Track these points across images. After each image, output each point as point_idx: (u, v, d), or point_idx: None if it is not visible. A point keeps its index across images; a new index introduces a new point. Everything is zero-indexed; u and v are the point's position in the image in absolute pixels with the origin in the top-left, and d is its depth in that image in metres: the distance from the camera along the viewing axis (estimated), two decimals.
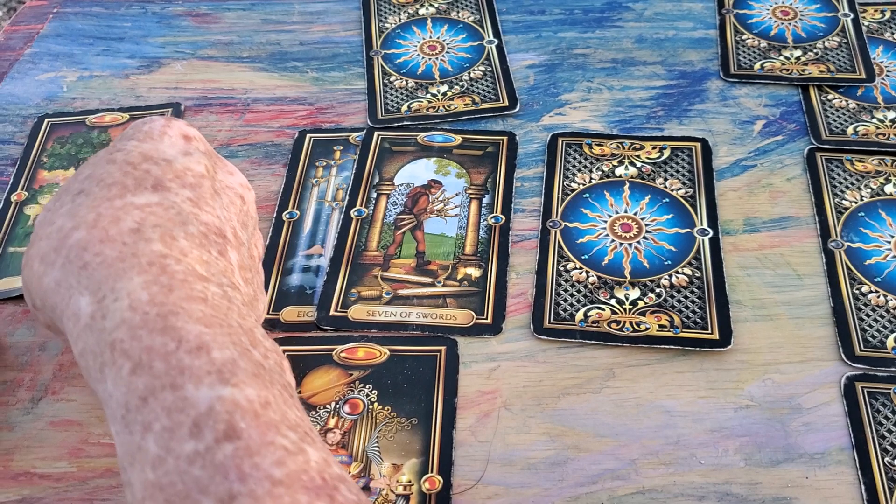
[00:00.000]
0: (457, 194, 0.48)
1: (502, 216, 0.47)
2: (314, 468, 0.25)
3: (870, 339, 0.40)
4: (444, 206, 0.48)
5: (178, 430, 0.25)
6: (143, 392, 0.26)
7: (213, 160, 0.36)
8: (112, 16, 0.63)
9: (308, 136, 0.52)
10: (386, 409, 0.39)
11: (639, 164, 0.49)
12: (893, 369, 0.39)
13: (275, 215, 0.48)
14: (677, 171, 0.49)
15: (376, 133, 0.52)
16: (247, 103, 0.55)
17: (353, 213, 0.47)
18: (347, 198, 0.48)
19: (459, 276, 0.44)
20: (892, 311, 0.41)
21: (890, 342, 0.40)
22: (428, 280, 0.44)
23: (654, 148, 0.50)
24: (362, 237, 0.46)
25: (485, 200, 0.48)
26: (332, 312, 0.43)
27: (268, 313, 0.43)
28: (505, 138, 0.51)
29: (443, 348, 0.41)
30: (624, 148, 0.50)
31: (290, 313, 0.43)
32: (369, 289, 0.44)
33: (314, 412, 0.39)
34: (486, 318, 0.42)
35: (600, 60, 0.56)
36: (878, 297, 0.42)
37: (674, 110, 0.52)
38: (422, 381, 0.40)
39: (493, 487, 0.36)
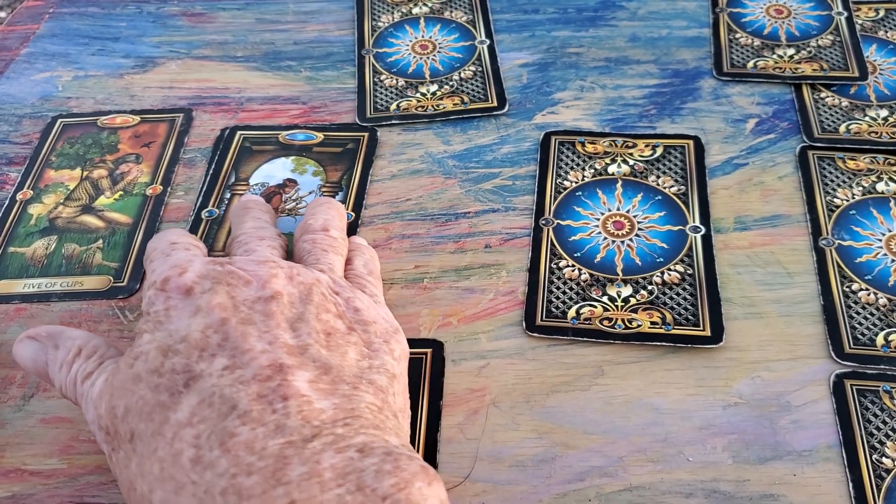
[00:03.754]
0: (311, 192, 0.48)
1: (353, 213, 0.47)
2: None
3: (859, 336, 0.40)
4: (297, 204, 0.48)
5: None
6: None
7: (236, 280, 0.33)
8: (107, 16, 0.63)
9: (232, 132, 0.53)
10: None
11: (631, 162, 0.49)
12: (882, 367, 0.39)
13: (192, 210, 0.48)
14: (670, 169, 0.49)
15: (238, 132, 0.52)
16: (241, 102, 0.55)
17: (203, 213, 0.47)
18: (200, 199, 0.48)
19: None
20: (881, 308, 0.41)
21: (879, 340, 0.40)
22: None
23: (646, 146, 0.50)
24: (210, 237, 0.46)
25: (338, 197, 0.48)
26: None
27: None
28: (366, 135, 0.51)
29: (429, 350, 0.41)
30: (616, 146, 0.50)
31: None
32: None
33: None
34: None
35: (593, 59, 0.56)
36: (869, 294, 0.42)
37: (666, 109, 0.52)
38: (408, 383, 0.40)
39: (480, 484, 0.36)
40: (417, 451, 0.37)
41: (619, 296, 0.43)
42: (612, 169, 0.49)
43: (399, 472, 0.27)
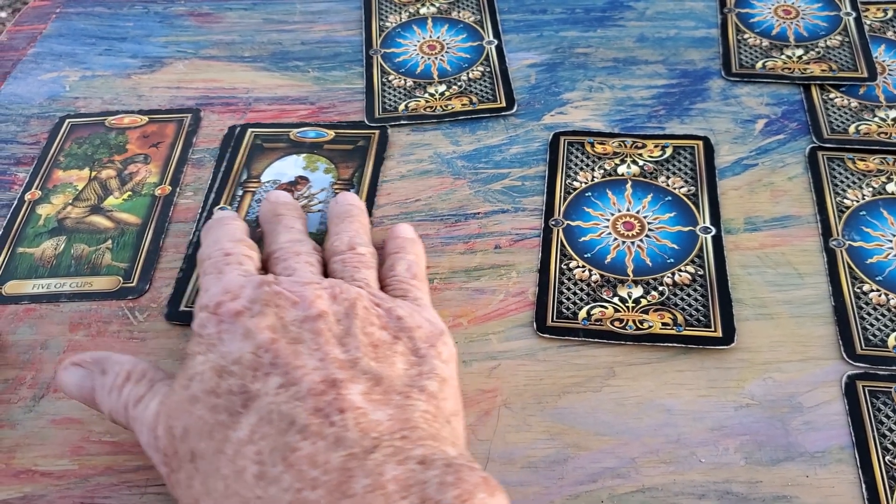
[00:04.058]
0: (322, 190, 0.48)
1: None
2: None
3: (871, 337, 0.40)
4: (309, 202, 0.48)
5: None
6: None
7: (282, 300, 0.34)
8: (114, 15, 0.63)
9: (237, 131, 0.52)
10: None
11: (641, 163, 0.49)
12: (894, 368, 0.39)
13: (199, 210, 0.48)
14: (679, 170, 0.49)
15: (249, 129, 0.52)
16: (248, 103, 0.55)
17: (216, 211, 0.47)
18: (213, 196, 0.48)
19: None
20: (893, 309, 0.41)
21: (891, 341, 0.40)
22: None
23: (656, 146, 0.50)
24: None
25: None
26: (181, 308, 0.43)
27: (188, 305, 0.43)
28: (377, 132, 0.51)
29: None
30: (626, 146, 0.50)
31: None
32: None
33: None
34: None
35: (602, 59, 0.56)
36: (880, 295, 0.42)
37: (675, 109, 0.52)
38: None
39: None
40: None
41: (629, 297, 0.42)
42: (622, 169, 0.49)
43: (461, 484, 0.27)
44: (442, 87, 0.54)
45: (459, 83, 0.55)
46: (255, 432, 0.29)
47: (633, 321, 0.41)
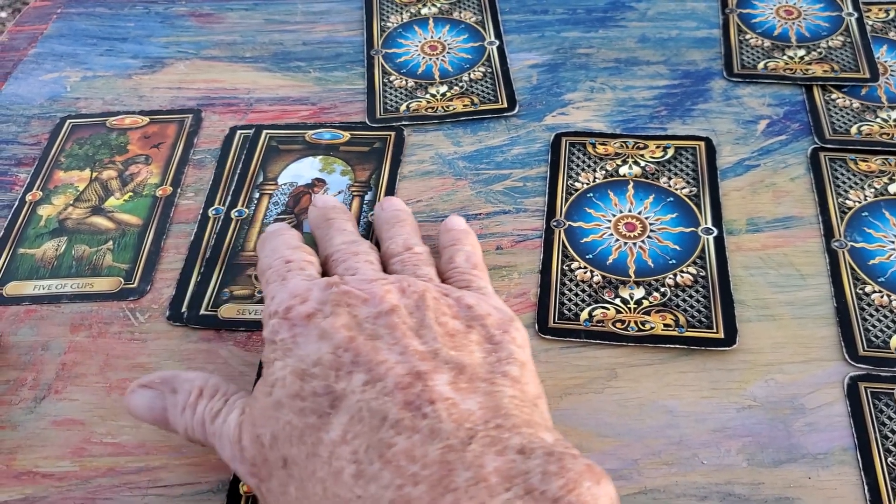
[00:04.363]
0: (339, 192, 0.48)
1: None
2: None
3: (873, 339, 0.40)
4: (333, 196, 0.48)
5: None
6: None
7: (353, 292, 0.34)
8: (115, 16, 0.63)
9: (238, 132, 0.52)
10: None
11: (643, 164, 0.49)
12: None
13: (201, 211, 0.48)
14: (681, 171, 0.48)
15: (264, 131, 0.52)
16: (250, 103, 0.55)
17: (233, 213, 0.47)
18: (229, 198, 0.48)
19: None
20: (895, 311, 0.41)
21: (893, 342, 0.40)
22: None
23: (657, 147, 0.50)
24: (241, 237, 0.46)
25: (367, 197, 0.48)
26: (202, 311, 0.43)
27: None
28: (392, 134, 0.51)
29: None
30: (628, 147, 0.50)
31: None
32: (242, 288, 0.44)
33: None
34: None
35: (603, 60, 0.56)
36: (882, 297, 0.42)
37: (677, 110, 0.52)
38: None
39: None
40: None
41: (631, 298, 0.42)
42: (624, 170, 0.49)
43: (566, 473, 0.26)
44: (443, 88, 0.54)
45: (461, 84, 0.55)
46: (347, 432, 0.29)
47: (635, 322, 0.41)
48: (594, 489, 0.26)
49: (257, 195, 0.48)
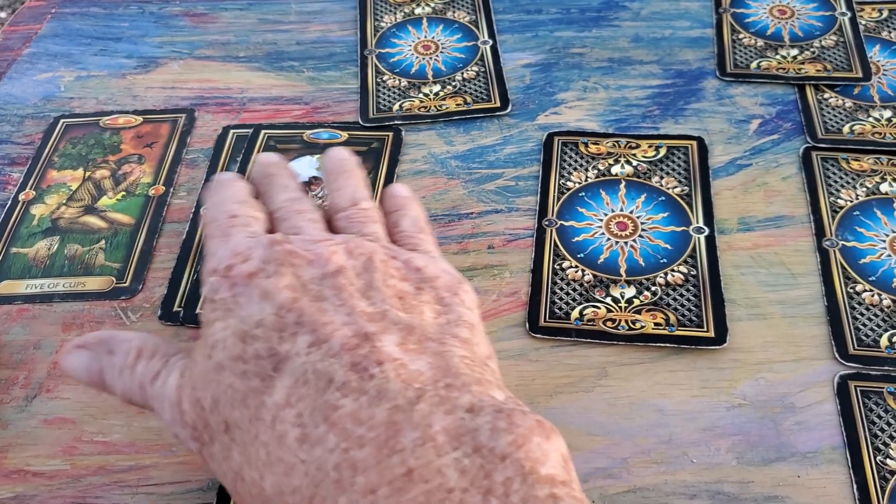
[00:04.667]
0: None
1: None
2: None
3: (863, 337, 0.40)
4: (324, 202, 0.48)
5: None
6: None
7: (296, 259, 0.32)
8: (109, 16, 0.63)
9: (231, 131, 0.52)
10: None
11: (635, 163, 0.49)
12: (886, 368, 0.39)
13: (193, 210, 0.48)
14: (673, 170, 0.49)
15: (263, 131, 0.52)
16: (243, 103, 0.55)
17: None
18: None
19: None
20: (885, 310, 0.41)
21: (883, 341, 0.40)
22: None
23: (650, 146, 0.50)
24: None
25: None
26: (198, 310, 0.43)
27: (181, 306, 0.43)
28: (391, 134, 0.51)
29: None
30: (620, 146, 0.50)
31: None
32: None
33: None
34: None
35: (596, 59, 0.56)
36: (873, 296, 0.42)
37: (670, 109, 0.52)
38: None
39: None
40: None
41: (622, 297, 0.42)
42: (616, 170, 0.49)
43: (515, 429, 0.25)
44: (436, 88, 0.54)
45: (454, 83, 0.55)
46: (291, 394, 0.28)
47: (626, 321, 0.41)
48: (544, 445, 0.26)
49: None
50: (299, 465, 0.27)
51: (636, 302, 0.42)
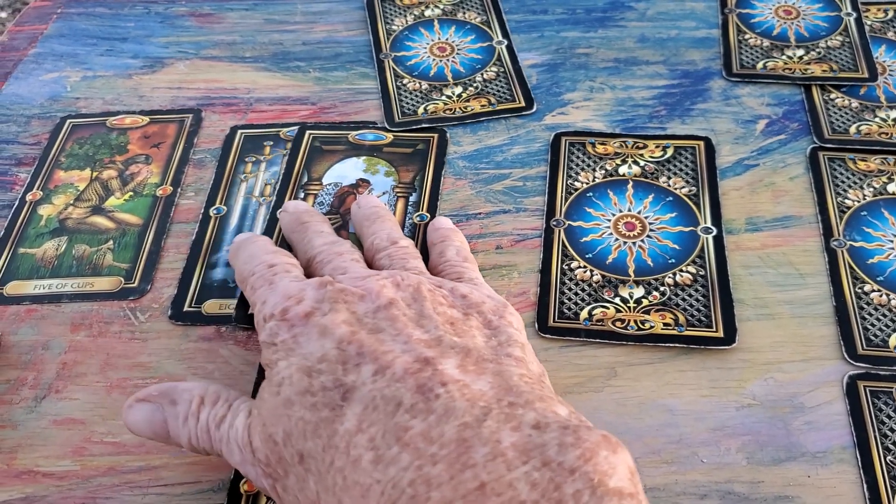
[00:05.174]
0: (384, 193, 0.48)
1: (427, 214, 0.47)
2: None
3: (872, 338, 0.40)
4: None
5: None
6: None
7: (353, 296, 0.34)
8: (115, 16, 0.63)
9: (239, 131, 0.52)
10: None
11: (642, 163, 0.49)
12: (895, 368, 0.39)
13: (202, 211, 0.48)
14: (681, 170, 0.49)
15: (307, 132, 0.52)
16: (249, 103, 0.55)
17: (278, 213, 0.47)
18: (275, 198, 0.48)
19: None
20: (894, 310, 0.41)
21: (892, 341, 0.40)
22: None
23: (657, 147, 0.50)
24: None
25: (412, 198, 0.48)
26: (250, 310, 0.43)
27: (190, 306, 0.43)
28: (436, 135, 0.51)
29: None
30: (627, 147, 0.50)
31: (212, 306, 0.43)
32: None
33: None
34: None
35: (603, 60, 0.56)
36: (881, 296, 0.42)
37: (676, 109, 0.52)
38: None
39: None
40: None
41: (631, 297, 0.43)
42: (623, 170, 0.49)
43: (582, 444, 0.26)
44: (458, 90, 0.54)
45: (475, 84, 0.55)
46: (362, 421, 0.29)
47: (635, 321, 0.41)
48: (611, 458, 0.26)
49: (302, 195, 0.48)
50: (375, 486, 0.27)
51: (645, 302, 0.42)
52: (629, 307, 0.42)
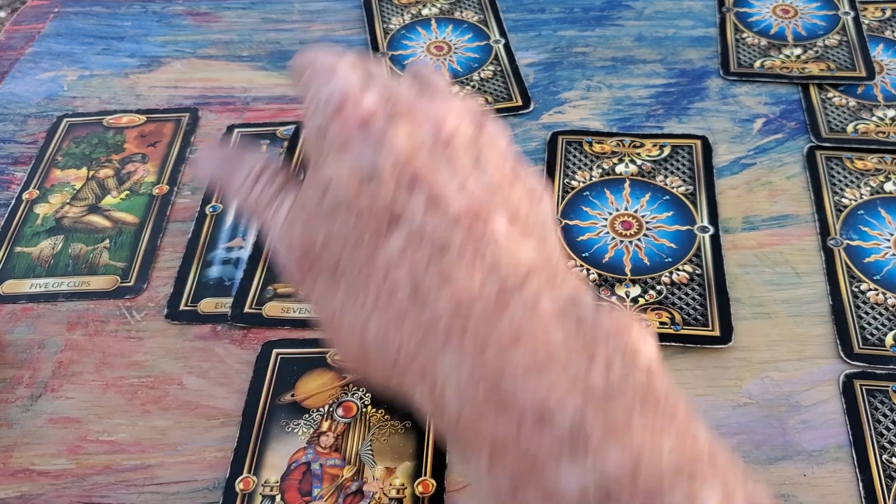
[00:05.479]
0: None
1: None
2: None
3: (868, 336, 0.40)
4: None
5: None
6: (508, 484, 0.24)
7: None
8: (112, 15, 0.63)
9: (235, 130, 0.52)
10: (379, 412, 0.39)
11: (639, 162, 0.49)
12: (892, 367, 0.39)
13: (197, 209, 0.48)
14: (678, 169, 0.49)
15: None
16: (246, 102, 0.55)
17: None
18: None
19: None
20: (890, 308, 0.41)
21: (888, 340, 0.40)
22: None
23: (654, 145, 0.50)
24: None
25: None
26: (245, 309, 0.43)
27: (186, 305, 0.43)
28: None
29: None
30: (624, 146, 0.50)
31: (207, 305, 0.43)
32: (286, 286, 0.44)
33: (308, 415, 0.39)
34: None
35: (600, 59, 0.56)
36: (877, 294, 0.42)
37: (673, 108, 0.52)
38: None
39: None
40: (426, 452, 0.37)
41: (627, 296, 0.42)
42: (620, 169, 0.49)
43: (615, 316, 0.26)
44: (455, 89, 0.54)
45: (472, 83, 0.55)
46: (405, 251, 0.28)
47: None
48: (643, 335, 0.26)
49: None
50: (409, 318, 0.27)
51: (641, 301, 0.42)
52: (626, 306, 0.42)
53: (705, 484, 0.22)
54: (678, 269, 0.44)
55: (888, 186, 0.47)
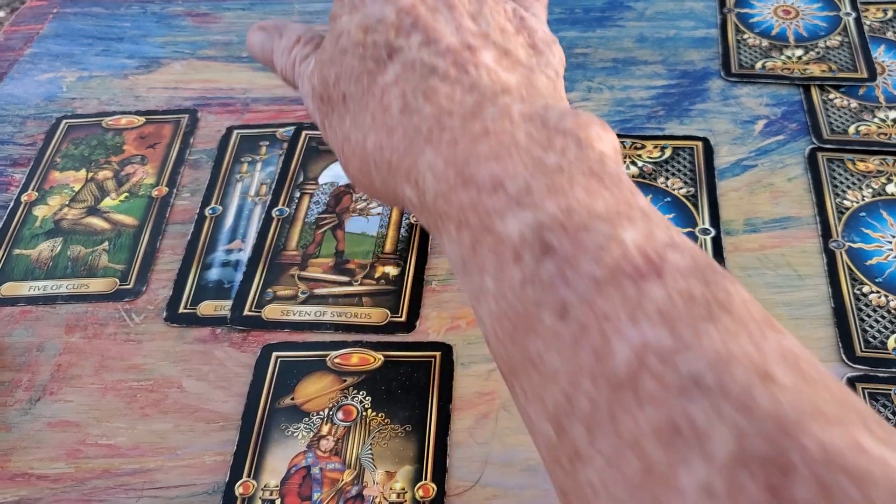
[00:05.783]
0: None
1: None
2: (633, 251, 0.25)
3: (871, 339, 0.40)
4: (367, 204, 0.48)
5: (505, 265, 0.26)
6: (469, 243, 0.28)
7: None
8: (111, 16, 0.62)
9: (235, 132, 0.52)
10: (380, 415, 0.39)
11: (640, 164, 0.49)
12: (894, 370, 0.39)
13: (197, 212, 0.48)
14: (679, 171, 0.48)
15: (304, 132, 0.52)
16: (246, 103, 0.55)
17: (274, 212, 0.47)
18: (270, 197, 0.48)
19: (377, 275, 0.44)
20: (893, 311, 0.41)
21: (891, 343, 0.40)
22: (345, 279, 0.44)
23: (655, 147, 0.50)
24: (282, 237, 0.46)
25: None
26: (245, 312, 0.43)
27: (186, 307, 0.43)
28: None
29: (438, 354, 0.41)
30: (625, 147, 0.50)
31: (207, 307, 0.43)
32: (285, 288, 0.44)
33: (308, 419, 0.39)
34: (401, 317, 0.42)
35: (601, 60, 0.56)
36: (880, 297, 0.42)
37: (675, 110, 0.52)
38: (416, 387, 0.39)
39: (491, 489, 0.36)
40: (427, 456, 0.37)
41: None
42: None
43: (578, 118, 0.30)
44: None
45: None
46: (399, 77, 0.33)
47: None
48: (601, 132, 0.30)
49: (298, 194, 0.48)
50: (399, 128, 0.32)
51: None
52: None
53: (630, 225, 0.25)
54: None
55: (890, 188, 0.47)
